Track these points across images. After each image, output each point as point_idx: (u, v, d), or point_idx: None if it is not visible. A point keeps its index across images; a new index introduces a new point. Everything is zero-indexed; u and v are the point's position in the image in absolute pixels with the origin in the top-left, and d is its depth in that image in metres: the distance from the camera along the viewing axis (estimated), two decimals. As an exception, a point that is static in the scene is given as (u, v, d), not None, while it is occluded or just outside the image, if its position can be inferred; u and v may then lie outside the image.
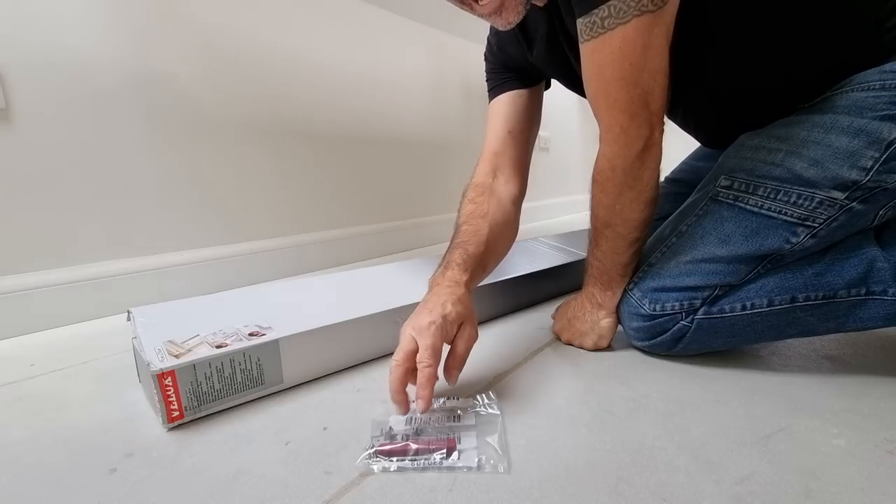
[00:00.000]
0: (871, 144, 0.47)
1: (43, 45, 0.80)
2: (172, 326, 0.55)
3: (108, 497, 0.37)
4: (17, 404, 0.54)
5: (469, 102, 1.77)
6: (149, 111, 0.93)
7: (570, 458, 0.40)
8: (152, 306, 0.61)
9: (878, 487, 0.35)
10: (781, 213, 0.51)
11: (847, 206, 0.49)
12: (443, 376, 0.49)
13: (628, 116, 0.48)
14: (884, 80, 0.48)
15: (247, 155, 1.10)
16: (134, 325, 0.55)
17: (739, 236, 0.53)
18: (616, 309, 0.62)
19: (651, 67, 0.46)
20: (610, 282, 0.60)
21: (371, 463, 0.39)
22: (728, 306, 0.54)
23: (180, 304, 0.64)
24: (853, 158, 0.48)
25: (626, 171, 0.51)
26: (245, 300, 0.66)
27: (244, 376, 0.51)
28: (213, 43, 1.02)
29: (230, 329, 0.54)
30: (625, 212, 0.54)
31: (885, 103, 0.47)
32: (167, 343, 0.50)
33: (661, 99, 0.48)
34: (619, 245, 0.57)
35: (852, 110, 0.49)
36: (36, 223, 0.81)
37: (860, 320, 0.52)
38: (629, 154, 0.50)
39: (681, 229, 0.59)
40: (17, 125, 0.78)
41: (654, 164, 0.51)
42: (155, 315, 0.58)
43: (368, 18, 1.37)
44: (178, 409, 0.46)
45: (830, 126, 0.50)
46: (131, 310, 0.58)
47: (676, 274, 0.56)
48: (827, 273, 0.51)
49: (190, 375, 0.47)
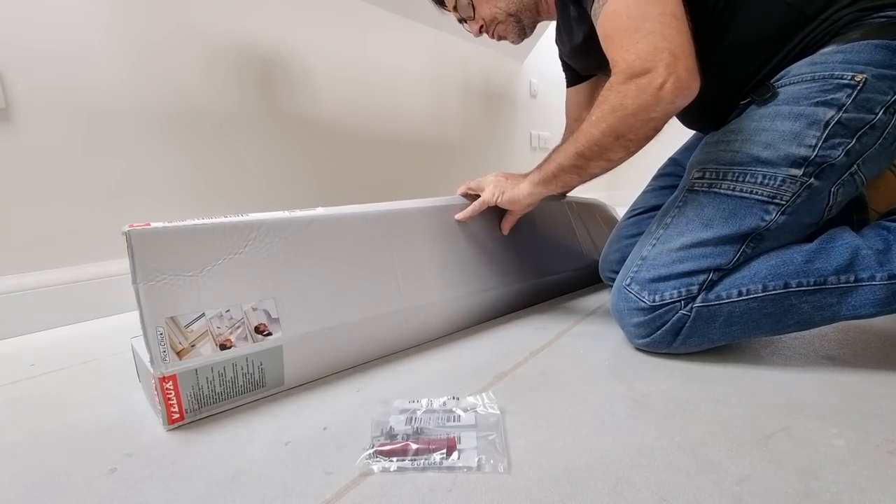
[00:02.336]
0: (811, 125, 0.54)
1: (43, 45, 0.80)
2: (176, 285, 0.47)
3: (108, 497, 0.37)
4: (17, 404, 0.54)
5: (469, 102, 1.77)
6: (149, 111, 0.93)
7: (570, 458, 0.40)
8: (157, 232, 0.47)
9: (878, 487, 0.35)
10: (753, 193, 0.56)
11: (807, 183, 0.55)
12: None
13: (633, 53, 0.53)
14: (813, 72, 0.56)
15: (246, 154, 1.10)
16: (132, 258, 0.45)
17: (720, 219, 0.57)
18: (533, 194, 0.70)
19: (653, 13, 0.52)
20: (542, 170, 0.67)
21: (371, 463, 0.39)
22: (724, 293, 0.56)
23: (186, 233, 0.49)
24: (799, 138, 0.54)
25: (615, 88, 0.55)
26: (259, 243, 0.54)
27: (245, 379, 0.51)
28: (213, 43, 1.02)
29: (237, 311, 0.50)
30: (591, 120, 0.58)
31: (817, 92, 0.55)
32: (169, 323, 0.46)
33: (678, 41, 0.52)
34: (569, 147, 0.62)
35: (791, 101, 0.56)
36: (36, 223, 0.81)
37: (853, 308, 0.54)
38: (625, 79, 0.54)
39: (666, 221, 0.62)
40: (17, 125, 0.78)
41: (649, 99, 0.53)
42: (157, 252, 0.46)
43: (368, 18, 1.37)
44: (178, 411, 0.47)
45: (774, 115, 0.57)
46: (127, 229, 0.45)
47: (670, 262, 0.58)
48: (816, 260, 0.54)
49: (191, 379, 0.47)
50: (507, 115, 2.03)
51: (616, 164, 0.61)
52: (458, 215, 0.74)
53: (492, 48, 1.84)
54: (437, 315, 0.70)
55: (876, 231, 0.57)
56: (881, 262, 0.53)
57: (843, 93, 0.53)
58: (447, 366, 0.61)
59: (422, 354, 0.65)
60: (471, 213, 0.74)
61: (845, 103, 0.53)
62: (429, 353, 0.65)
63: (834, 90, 0.54)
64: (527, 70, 2.12)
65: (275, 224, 0.54)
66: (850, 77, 0.53)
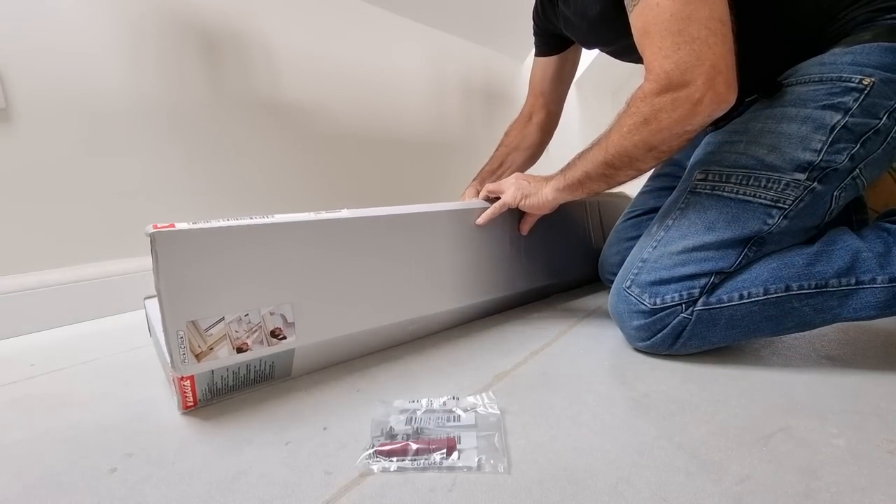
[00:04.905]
0: (817, 129, 0.53)
1: (43, 45, 0.80)
2: (199, 288, 0.46)
3: (108, 497, 0.37)
4: (17, 404, 0.54)
5: (469, 102, 1.77)
6: (149, 111, 0.93)
7: (570, 458, 0.40)
8: (182, 233, 0.45)
9: (878, 487, 0.35)
10: (756, 197, 0.56)
11: (810, 187, 0.54)
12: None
13: (673, 62, 0.50)
14: (822, 73, 0.55)
15: (246, 154, 1.10)
16: (156, 260, 0.44)
17: (723, 222, 0.57)
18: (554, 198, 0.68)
19: (700, 16, 0.49)
20: (567, 177, 0.65)
21: (371, 463, 0.39)
22: (726, 296, 0.56)
23: (213, 235, 0.47)
24: (805, 142, 0.54)
25: (648, 100, 0.53)
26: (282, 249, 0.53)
27: (257, 374, 0.53)
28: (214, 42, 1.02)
29: (255, 315, 0.50)
30: (622, 131, 0.56)
31: (824, 94, 0.54)
32: (189, 327, 0.46)
33: (720, 51, 0.49)
34: (597, 155, 0.60)
35: (797, 102, 0.55)
36: (36, 223, 0.81)
37: (854, 310, 0.54)
38: (661, 89, 0.52)
39: (667, 223, 0.62)
40: (17, 125, 0.78)
41: (685, 114, 0.51)
42: (182, 254, 0.45)
43: (369, 18, 1.37)
44: (192, 401, 0.49)
45: (780, 117, 0.56)
46: (152, 231, 0.44)
47: (671, 265, 0.58)
48: (817, 263, 0.54)
49: (207, 377, 0.49)
50: (507, 115, 2.03)
51: (645, 171, 0.60)
52: (478, 220, 0.72)
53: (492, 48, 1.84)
54: (447, 319, 0.71)
55: (876, 233, 0.56)
56: (882, 265, 0.53)
57: (850, 97, 0.53)
58: (447, 366, 0.61)
59: (422, 354, 0.65)
60: (490, 216, 0.72)
61: (852, 107, 0.52)
62: (429, 353, 0.65)
63: (842, 94, 0.53)
64: (527, 70, 2.12)
65: (301, 226, 0.54)
66: (859, 80, 0.52)
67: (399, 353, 0.65)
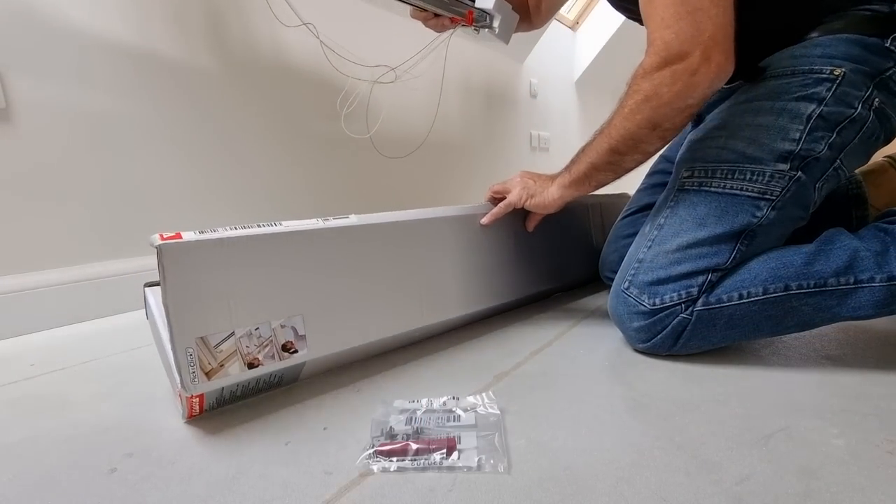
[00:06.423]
0: (794, 119, 0.55)
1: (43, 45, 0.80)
2: (208, 301, 0.45)
3: (108, 497, 0.37)
4: (17, 404, 0.54)
5: (469, 102, 1.77)
6: (149, 111, 0.93)
7: (570, 458, 0.40)
8: (189, 245, 0.44)
9: (878, 487, 0.35)
10: (743, 190, 0.56)
11: (795, 177, 0.55)
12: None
13: (673, 32, 0.51)
14: (794, 66, 0.56)
15: (247, 153, 1.10)
16: (163, 274, 0.43)
17: (713, 217, 0.57)
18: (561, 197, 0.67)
19: None
20: (572, 172, 0.65)
21: (371, 463, 0.39)
22: (725, 296, 0.56)
23: (220, 245, 0.46)
24: (783, 132, 0.55)
25: (648, 76, 0.53)
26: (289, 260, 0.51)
27: (264, 385, 0.52)
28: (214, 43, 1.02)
29: (266, 329, 0.48)
30: (625, 112, 0.56)
31: (797, 86, 0.55)
32: (199, 344, 0.44)
33: (720, 22, 0.50)
34: (601, 143, 0.60)
35: (772, 95, 0.57)
36: (36, 223, 0.81)
37: (852, 309, 0.54)
38: (661, 63, 0.52)
39: (659, 222, 0.62)
40: (17, 125, 0.78)
41: (685, 87, 0.52)
42: (190, 266, 0.44)
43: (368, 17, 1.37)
44: (199, 411, 0.48)
45: (757, 110, 0.57)
46: (159, 243, 0.42)
47: (667, 264, 0.58)
48: (815, 262, 0.54)
49: (217, 393, 0.48)
50: (507, 115, 2.03)
51: (651, 155, 0.60)
52: (482, 220, 0.72)
53: (492, 48, 1.84)
54: (455, 324, 0.71)
55: (873, 233, 0.57)
56: (880, 264, 0.53)
57: (822, 87, 0.54)
58: (447, 366, 0.61)
59: (422, 354, 0.65)
60: (495, 216, 0.72)
61: (825, 97, 0.54)
62: (429, 353, 0.65)
63: (814, 84, 0.55)
64: (527, 70, 2.12)
65: (312, 234, 0.52)
66: (829, 71, 0.54)
67: (399, 353, 0.65)
